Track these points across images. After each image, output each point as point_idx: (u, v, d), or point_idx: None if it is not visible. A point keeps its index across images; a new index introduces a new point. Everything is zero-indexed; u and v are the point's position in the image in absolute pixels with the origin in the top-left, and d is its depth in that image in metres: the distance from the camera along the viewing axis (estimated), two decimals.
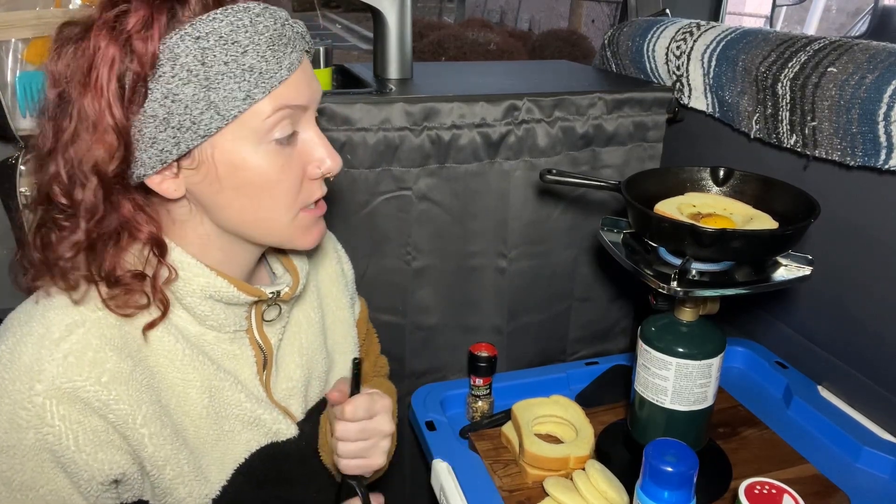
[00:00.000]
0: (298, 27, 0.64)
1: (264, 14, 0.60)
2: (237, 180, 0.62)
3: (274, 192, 0.64)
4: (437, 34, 5.39)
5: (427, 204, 1.15)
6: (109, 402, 0.60)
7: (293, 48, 0.62)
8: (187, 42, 0.57)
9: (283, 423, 0.74)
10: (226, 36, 0.58)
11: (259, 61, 0.59)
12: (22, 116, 0.92)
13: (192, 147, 0.59)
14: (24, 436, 0.58)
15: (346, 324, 0.88)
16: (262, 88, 0.59)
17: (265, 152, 0.62)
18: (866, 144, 0.88)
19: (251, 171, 0.62)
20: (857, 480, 0.88)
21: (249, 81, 0.59)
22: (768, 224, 0.82)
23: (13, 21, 0.88)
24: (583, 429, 0.92)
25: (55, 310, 0.61)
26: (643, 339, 0.83)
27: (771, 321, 1.15)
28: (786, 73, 0.99)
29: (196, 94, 0.57)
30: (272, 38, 0.60)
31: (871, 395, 0.97)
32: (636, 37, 1.36)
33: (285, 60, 0.61)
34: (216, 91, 0.58)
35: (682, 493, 0.65)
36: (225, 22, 0.58)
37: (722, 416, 0.99)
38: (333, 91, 1.21)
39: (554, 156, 1.19)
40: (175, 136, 0.58)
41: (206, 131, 0.59)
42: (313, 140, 0.66)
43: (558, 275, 1.29)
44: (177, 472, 0.65)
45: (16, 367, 0.58)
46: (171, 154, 0.59)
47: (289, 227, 0.67)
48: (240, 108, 0.59)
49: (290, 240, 0.69)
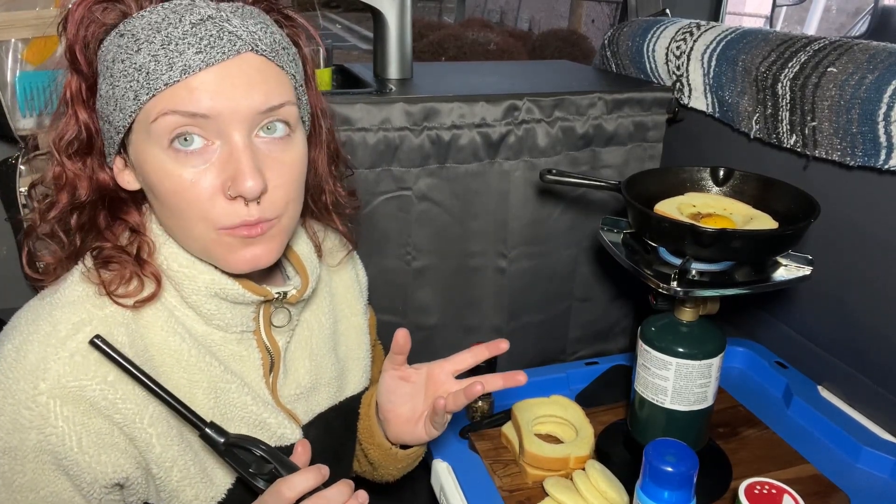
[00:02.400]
0: (241, 28, 0.58)
1: (181, 11, 0.57)
2: (148, 182, 0.61)
3: (178, 202, 0.59)
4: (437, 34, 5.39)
5: (427, 204, 1.15)
6: (116, 402, 0.60)
7: (205, 49, 0.56)
8: (112, 39, 0.59)
9: (289, 427, 0.73)
10: (136, 33, 0.57)
11: (149, 61, 0.56)
12: (22, 116, 0.92)
13: (118, 141, 0.61)
14: (26, 436, 0.57)
15: (360, 330, 0.86)
16: (147, 90, 0.56)
17: (166, 157, 0.58)
18: (866, 144, 0.88)
19: (154, 175, 0.59)
20: (857, 480, 0.88)
21: (138, 81, 0.56)
22: (768, 224, 0.82)
23: (13, 21, 0.88)
24: (583, 429, 0.92)
25: (62, 308, 0.61)
26: (643, 339, 0.83)
27: (771, 321, 1.15)
28: (786, 73, 0.99)
29: (108, 91, 0.59)
30: (170, 37, 0.56)
31: (871, 395, 0.97)
32: (636, 37, 1.36)
33: (178, 62, 0.55)
34: (117, 89, 0.58)
35: (682, 493, 0.65)
36: (146, 20, 0.57)
37: (722, 416, 0.99)
38: (333, 91, 1.21)
39: (554, 156, 1.19)
40: (108, 130, 0.61)
41: (118, 129, 0.60)
42: (238, 156, 0.58)
43: (558, 275, 1.29)
44: (184, 473, 0.64)
45: (21, 367, 0.58)
46: (112, 145, 0.61)
47: (210, 244, 0.61)
48: (131, 108, 0.57)
49: (215, 258, 0.63)
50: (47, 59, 0.92)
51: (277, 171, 0.61)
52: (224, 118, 0.57)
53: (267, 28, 0.61)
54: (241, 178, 0.58)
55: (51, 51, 0.92)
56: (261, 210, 0.60)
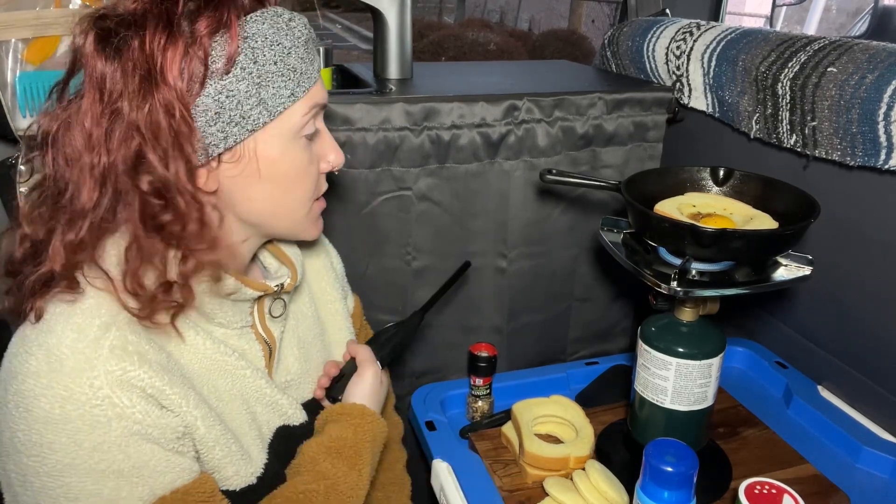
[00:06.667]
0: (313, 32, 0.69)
1: (295, 19, 0.66)
2: (274, 173, 0.67)
3: (302, 184, 0.70)
4: (437, 34, 5.39)
5: (427, 204, 1.15)
6: (164, 388, 0.61)
7: (317, 51, 0.69)
8: (238, 42, 0.60)
9: (297, 408, 0.77)
10: (270, 37, 0.63)
11: (299, 62, 0.65)
12: (22, 116, 0.92)
13: (238, 141, 0.63)
14: (109, 429, 0.58)
15: (341, 316, 0.90)
16: (302, 87, 0.66)
17: (299, 147, 0.68)
18: (866, 144, 0.88)
19: (287, 165, 0.67)
20: (857, 480, 0.88)
21: (293, 80, 0.65)
22: (768, 224, 0.82)
23: (13, 21, 0.88)
24: (583, 429, 0.92)
25: (80, 314, 0.60)
26: (643, 339, 0.83)
27: (771, 321, 1.15)
28: (786, 73, 0.99)
29: (249, 90, 0.62)
30: (306, 42, 0.66)
31: (871, 395, 0.97)
32: (636, 37, 1.36)
33: (315, 62, 0.68)
34: (266, 89, 0.63)
35: (682, 493, 0.65)
36: (267, 24, 0.63)
37: (722, 416, 0.99)
38: (333, 91, 1.21)
39: (554, 156, 1.19)
40: (224, 131, 0.62)
41: (253, 126, 0.63)
42: (326, 136, 0.73)
43: (558, 275, 1.29)
44: (225, 451, 0.67)
45: (64, 374, 0.57)
46: (218, 147, 0.62)
47: (305, 217, 0.73)
48: (284, 105, 0.64)
49: (303, 229, 0.74)
50: (47, 59, 0.92)
51: None
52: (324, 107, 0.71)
53: None
54: (338, 154, 0.74)
55: (51, 51, 0.92)
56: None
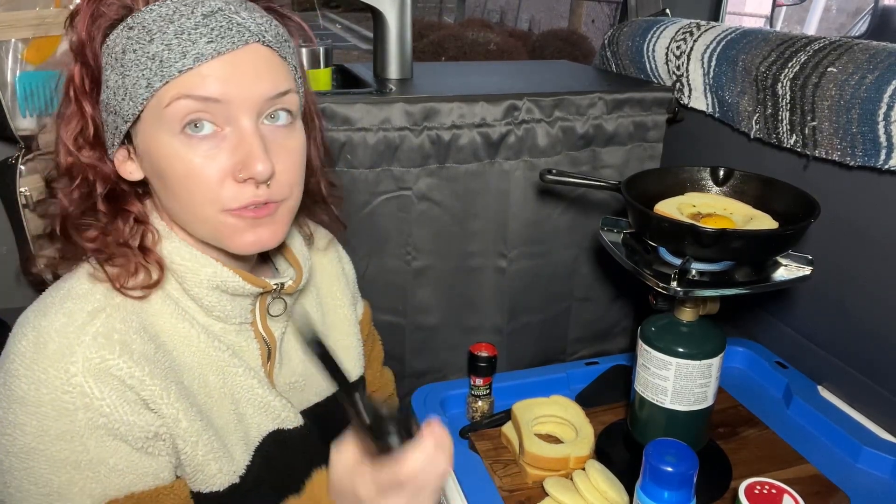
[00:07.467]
0: (249, 20, 0.61)
1: (192, 4, 0.60)
2: (157, 168, 0.63)
3: (188, 186, 0.62)
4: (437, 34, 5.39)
5: (427, 204, 1.15)
6: (144, 379, 0.61)
7: (216, 39, 0.59)
8: (120, 33, 0.60)
9: (290, 412, 0.76)
10: (148, 25, 0.59)
11: (162, 50, 0.58)
12: (22, 116, 0.92)
13: (124, 131, 0.63)
14: (74, 418, 0.59)
15: (348, 322, 0.89)
16: (160, 76, 0.59)
17: (177, 143, 0.61)
18: (866, 144, 0.88)
19: (164, 161, 0.62)
20: (857, 480, 0.88)
21: (151, 69, 0.59)
22: (768, 224, 0.82)
23: (13, 21, 0.88)
24: (583, 429, 0.92)
25: (73, 300, 0.62)
26: (643, 339, 0.83)
27: (771, 321, 1.15)
28: (786, 73, 0.99)
29: (116, 81, 0.60)
30: (182, 28, 0.59)
31: (871, 395, 0.97)
32: (636, 37, 1.36)
33: (192, 50, 0.58)
34: (128, 78, 0.60)
35: (682, 493, 0.65)
36: (156, 13, 0.60)
37: (722, 416, 0.99)
38: (333, 91, 1.21)
39: (554, 156, 1.19)
40: (114, 121, 0.62)
41: (126, 117, 0.61)
42: (246, 140, 0.61)
43: (558, 275, 1.29)
44: (208, 447, 0.66)
45: (45, 357, 0.59)
46: (117, 136, 0.63)
47: (217, 227, 0.64)
48: (143, 96, 0.60)
49: (219, 239, 0.65)
50: (47, 59, 0.92)
51: (283, 157, 0.64)
52: (234, 104, 0.60)
53: (271, 21, 0.64)
54: (252, 161, 0.61)
55: (51, 51, 0.92)
56: (269, 193, 0.63)
